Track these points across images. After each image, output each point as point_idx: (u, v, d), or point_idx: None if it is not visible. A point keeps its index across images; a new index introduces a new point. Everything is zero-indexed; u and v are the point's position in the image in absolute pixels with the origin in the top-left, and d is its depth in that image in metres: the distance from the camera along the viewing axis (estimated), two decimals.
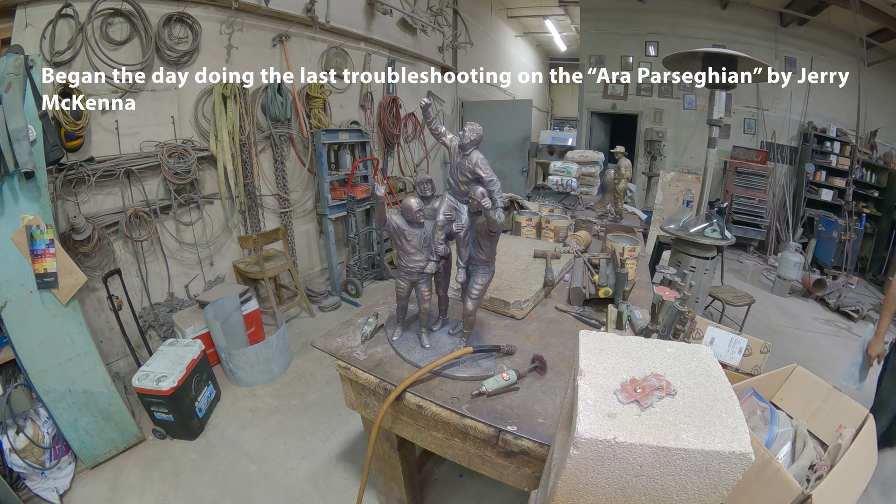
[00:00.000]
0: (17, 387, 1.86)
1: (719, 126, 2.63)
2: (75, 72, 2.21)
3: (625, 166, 2.85)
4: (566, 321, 1.40)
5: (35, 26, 2.10)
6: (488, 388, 0.99)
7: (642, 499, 0.52)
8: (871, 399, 2.74)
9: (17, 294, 1.75)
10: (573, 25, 8.58)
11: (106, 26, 2.32)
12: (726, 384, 0.55)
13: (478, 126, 0.95)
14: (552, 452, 0.68)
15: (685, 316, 1.08)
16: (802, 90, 6.40)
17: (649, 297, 1.43)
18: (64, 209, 2.23)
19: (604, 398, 0.53)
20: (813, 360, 3.37)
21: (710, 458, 0.47)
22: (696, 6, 6.66)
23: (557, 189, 3.43)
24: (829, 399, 1.21)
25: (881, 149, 6.09)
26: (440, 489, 1.93)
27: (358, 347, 1.21)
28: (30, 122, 1.69)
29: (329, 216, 3.68)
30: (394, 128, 4.62)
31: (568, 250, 1.87)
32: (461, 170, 0.96)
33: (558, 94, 11.79)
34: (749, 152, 6.75)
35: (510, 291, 1.44)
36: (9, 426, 1.79)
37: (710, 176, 2.73)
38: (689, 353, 0.61)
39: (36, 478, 1.83)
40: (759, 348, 1.61)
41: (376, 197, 1.01)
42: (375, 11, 4.26)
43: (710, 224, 2.73)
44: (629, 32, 7.28)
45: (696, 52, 2.46)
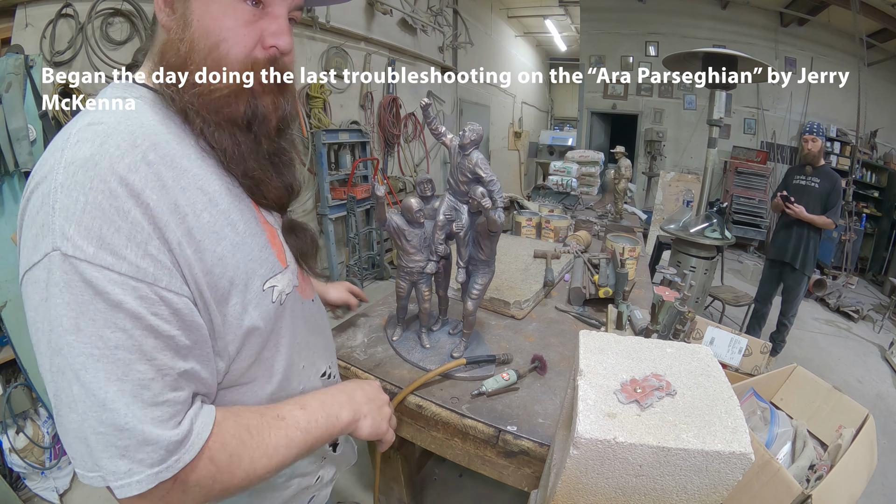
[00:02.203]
0: (17, 387, 1.86)
1: (719, 126, 2.63)
2: (75, 72, 2.21)
3: (625, 166, 2.85)
4: (566, 321, 1.40)
5: (35, 26, 2.10)
6: (488, 388, 0.99)
7: (642, 499, 0.52)
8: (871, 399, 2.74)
9: (18, 294, 1.74)
10: (573, 25, 8.58)
11: (106, 26, 2.33)
12: (726, 384, 0.55)
13: (478, 126, 0.94)
14: (552, 452, 0.68)
15: (685, 316, 1.09)
16: (802, 90, 6.41)
17: (649, 297, 1.43)
18: None
19: (604, 398, 0.53)
20: (813, 360, 3.37)
21: (710, 458, 0.47)
22: (696, 6, 6.66)
23: (557, 189, 3.43)
24: (829, 399, 1.21)
25: (881, 149, 6.09)
26: (440, 489, 1.93)
27: (358, 347, 1.21)
28: (30, 122, 1.69)
29: (329, 216, 3.68)
30: (394, 128, 4.62)
31: (568, 250, 1.87)
32: (461, 170, 0.96)
33: (558, 94, 11.80)
34: (749, 152, 6.75)
35: (510, 291, 1.44)
36: (9, 426, 1.79)
37: (710, 176, 2.73)
38: (689, 353, 0.61)
39: (36, 477, 1.83)
40: (759, 348, 1.61)
41: (376, 197, 1.01)
42: (375, 11, 4.26)
43: (710, 224, 2.73)
44: (629, 32, 7.29)
45: (696, 53, 2.46)
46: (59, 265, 0.41)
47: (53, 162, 0.43)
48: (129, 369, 0.43)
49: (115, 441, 0.42)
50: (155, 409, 0.44)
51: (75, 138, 0.44)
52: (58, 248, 0.41)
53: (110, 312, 0.42)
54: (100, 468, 0.43)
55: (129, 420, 0.42)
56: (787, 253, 3.05)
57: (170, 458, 0.44)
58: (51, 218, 0.41)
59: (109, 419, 0.42)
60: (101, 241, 0.42)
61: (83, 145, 0.44)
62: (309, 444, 0.58)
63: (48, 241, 0.41)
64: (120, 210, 0.43)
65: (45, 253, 0.42)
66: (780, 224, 3.18)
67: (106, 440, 0.42)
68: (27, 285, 0.44)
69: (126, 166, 0.44)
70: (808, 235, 2.96)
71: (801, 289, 3.12)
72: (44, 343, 0.43)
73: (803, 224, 2.95)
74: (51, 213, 0.42)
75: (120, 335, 0.42)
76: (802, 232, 2.97)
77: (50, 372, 0.43)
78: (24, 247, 0.44)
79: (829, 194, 2.88)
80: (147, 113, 0.50)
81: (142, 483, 0.43)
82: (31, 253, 0.43)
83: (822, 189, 2.91)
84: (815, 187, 2.94)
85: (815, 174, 2.98)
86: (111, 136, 0.45)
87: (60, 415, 0.44)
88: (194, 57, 0.50)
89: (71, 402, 0.42)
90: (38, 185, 0.44)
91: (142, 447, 0.43)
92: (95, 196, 0.42)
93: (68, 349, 0.42)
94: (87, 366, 0.42)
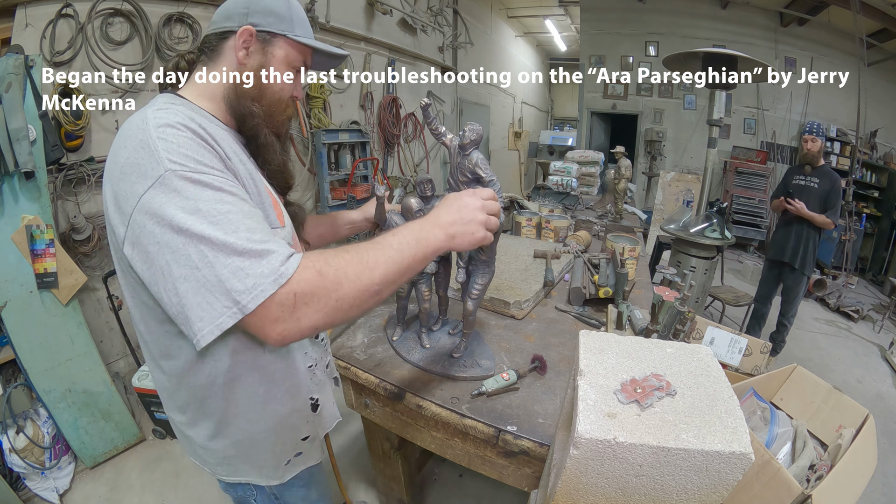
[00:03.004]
0: (17, 387, 1.86)
1: (719, 126, 2.63)
2: (75, 72, 2.21)
3: (625, 166, 2.85)
4: (566, 321, 1.40)
5: (35, 26, 2.10)
6: (488, 388, 0.99)
7: (642, 499, 0.52)
8: (871, 399, 2.74)
9: (17, 294, 1.75)
10: (573, 25, 8.58)
11: (106, 26, 2.32)
12: (726, 384, 0.55)
13: (478, 126, 0.94)
14: (552, 452, 0.68)
15: (685, 316, 1.08)
16: (802, 90, 6.40)
17: (649, 297, 1.43)
18: (64, 209, 2.23)
19: (604, 398, 0.53)
20: (813, 360, 3.37)
21: (710, 458, 0.47)
22: (696, 6, 6.65)
23: (557, 189, 3.43)
24: (829, 399, 1.21)
25: (881, 149, 6.09)
26: (440, 489, 1.93)
27: (358, 347, 1.21)
28: (30, 122, 1.69)
29: None
30: (394, 128, 4.61)
31: (568, 250, 1.87)
32: (461, 170, 0.96)
33: (558, 94, 11.79)
34: (749, 152, 6.74)
35: (510, 291, 1.44)
36: (9, 426, 1.79)
37: (710, 176, 2.73)
38: (689, 353, 0.61)
39: (36, 478, 1.83)
40: (759, 348, 1.61)
41: (377, 197, 1.01)
42: (375, 11, 4.25)
43: (710, 224, 2.73)
44: (629, 32, 7.28)
45: (696, 53, 2.46)
46: (172, 178, 0.57)
47: (140, 127, 0.60)
48: (240, 224, 0.58)
49: (240, 265, 0.56)
50: (263, 243, 0.58)
51: (153, 115, 0.62)
52: (168, 169, 0.57)
53: (216, 193, 0.59)
54: (231, 297, 0.55)
55: (248, 246, 0.56)
56: (786, 253, 3.05)
57: (281, 266, 0.57)
58: (155, 155, 0.57)
59: (233, 254, 0.56)
60: (195, 160, 0.60)
61: (161, 113, 0.62)
62: (406, 261, 0.67)
63: (158, 168, 0.57)
64: (200, 143, 0.62)
65: (159, 175, 0.57)
66: (779, 224, 3.19)
67: (232, 271, 0.55)
68: (146, 202, 0.57)
69: (196, 124, 0.64)
70: (807, 235, 2.96)
71: (801, 289, 3.12)
72: (166, 235, 0.56)
73: (803, 224, 2.95)
74: (154, 152, 0.58)
75: (227, 206, 0.58)
76: (802, 232, 2.97)
77: (172, 252, 0.56)
78: (129, 184, 0.58)
79: (829, 194, 2.88)
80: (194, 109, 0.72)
81: (265, 290, 0.55)
82: (142, 181, 0.57)
83: (821, 189, 2.91)
84: (814, 187, 2.94)
85: (814, 174, 2.98)
86: (177, 113, 0.64)
87: (185, 281, 0.56)
88: (265, 94, 0.78)
89: (198, 261, 0.55)
90: (127, 144, 0.60)
91: (259, 262, 0.56)
92: (180, 138, 0.60)
93: (190, 225, 0.55)
94: (207, 231, 0.56)
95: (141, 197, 0.57)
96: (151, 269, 0.58)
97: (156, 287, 0.59)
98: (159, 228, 0.56)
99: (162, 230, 0.56)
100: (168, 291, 0.58)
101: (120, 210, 0.59)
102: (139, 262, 0.59)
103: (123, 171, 0.59)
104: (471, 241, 0.74)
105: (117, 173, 0.60)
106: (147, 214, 0.56)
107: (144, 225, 0.57)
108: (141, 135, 0.59)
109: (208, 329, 0.56)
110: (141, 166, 0.58)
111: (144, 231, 0.57)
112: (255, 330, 0.58)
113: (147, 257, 0.58)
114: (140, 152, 0.58)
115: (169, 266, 0.56)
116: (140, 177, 0.57)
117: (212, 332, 0.56)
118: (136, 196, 0.57)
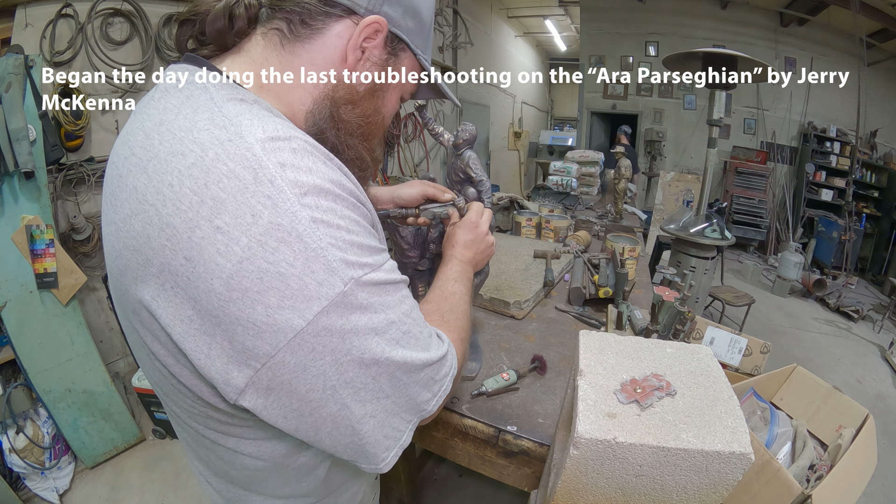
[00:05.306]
0: (17, 387, 1.86)
1: (719, 126, 2.63)
2: (75, 72, 2.21)
3: (625, 166, 2.85)
4: (566, 321, 1.40)
5: (35, 26, 2.10)
6: (488, 388, 0.99)
7: (642, 499, 0.52)
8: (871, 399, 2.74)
9: (17, 294, 1.75)
10: (573, 25, 8.58)
11: (106, 26, 2.32)
12: (726, 384, 0.55)
13: (471, 126, 0.95)
14: (552, 452, 0.68)
15: (685, 316, 1.08)
16: (802, 90, 6.40)
17: (649, 297, 1.43)
18: (64, 209, 2.23)
19: (604, 398, 0.53)
20: (813, 360, 3.37)
21: (710, 458, 0.47)
22: (696, 6, 6.66)
23: (557, 189, 3.43)
24: (829, 399, 1.21)
25: (881, 149, 6.09)
26: (440, 489, 1.93)
27: None
28: (30, 122, 1.69)
29: None
30: (394, 128, 4.62)
31: (568, 250, 1.87)
32: (454, 169, 0.96)
33: (558, 94, 11.79)
34: (749, 152, 6.75)
35: (510, 291, 1.44)
36: (9, 426, 1.80)
37: (710, 176, 2.72)
38: (689, 353, 0.61)
39: (36, 478, 1.83)
40: (759, 348, 1.61)
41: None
42: None
43: (710, 224, 2.73)
44: (629, 32, 7.29)
45: (696, 53, 2.46)
46: (355, 292, 0.40)
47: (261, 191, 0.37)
48: (422, 326, 0.49)
49: (430, 375, 0.50)
50: (438, 337, 0.53)
51: (272, 160, 0.38)
52: (352, 279, 0.40)
53: (396, 288, 0.46)
54: (419, 410, 0.50)
55: (435, 354, 0.50)
56: None
57: (452, 357, 0.54)
58: (319, 257, 0.38)
59: (425, 366, 0.48)
60: (363, 245, 0.42)
61: (284, 154, 0.39)
62: (469, 302, 0.72)
63: (333, 280, 0.39)
64: (355, 204, 0.44)
65: (338, 292, 0.39)
66: None
67: (423, 384, 0.49)
68: (311, 336, 0.39)
69: (336, 167, 0.44)
70: None
71: None
72: (348, 374, 0.42)
73: None
74: (315, 252, 0.38)
75: (408, 303, 0.48)
76: None
77: (354, 391, 0.43)
78: (262, 308, 0.37)
79: None
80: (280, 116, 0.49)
81: (446, 389, 0.52)
82: (299, 305, 0.38)
83: None
84: None
85: None
86: (304, 149, 0.41)
87: (370, 419, 0.45)
88: (373, 119, 0.60)
89: (390, 389, 0.45)
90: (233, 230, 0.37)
91: (441, 365, 0.51)
92: (339, 208, 0.41)
93: (386, 353, 0.44)
94: (404, 355, 0.45)
95: (301, 331, 0.38)
96: (308, 418, 0.43)
97: (310, 434, 0.44)
98: (334, 369, 0.40)
99: (340, 370, 0.41)
100: (338, 435, 0.45)
101: (231, 342, 0.38)
102: (276, 412, 0.42)
103: (242, 288, 0.37)
104: (488, 256, 0.85)
105: (220, 286, 0.37)
106: (312, 353, 0.39)
107: (306, 368, 0.40)
108: (272, 215, 0.37)
109: (394, 454, 0.48)
110: (291, 279, 0.37)
111: (306, 375, 0.40)
112: None
113: (302, 406, 0.42)
114: (283, 251, 0.37)
115: (346, 409, 0.43)
116: (293, 298, 0.37)
117: (396, 455, 0.49)
118: (288, 330, 0.38)
